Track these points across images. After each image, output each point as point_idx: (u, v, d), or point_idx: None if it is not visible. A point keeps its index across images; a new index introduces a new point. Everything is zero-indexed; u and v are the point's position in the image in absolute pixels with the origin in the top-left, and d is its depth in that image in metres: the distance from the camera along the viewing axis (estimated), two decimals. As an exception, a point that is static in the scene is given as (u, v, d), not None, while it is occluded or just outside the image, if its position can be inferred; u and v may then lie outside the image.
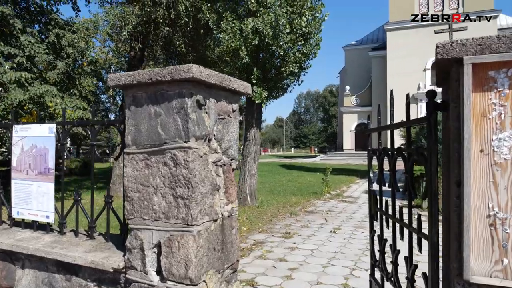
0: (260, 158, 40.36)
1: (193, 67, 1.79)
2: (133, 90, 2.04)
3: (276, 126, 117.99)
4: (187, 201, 1.85)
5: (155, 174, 1.96)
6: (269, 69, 8.91)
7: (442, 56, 1.42)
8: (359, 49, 47.72)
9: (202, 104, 1.94)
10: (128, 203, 2.05)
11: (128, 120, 2.06)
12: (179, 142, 1.87)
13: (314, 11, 8.44)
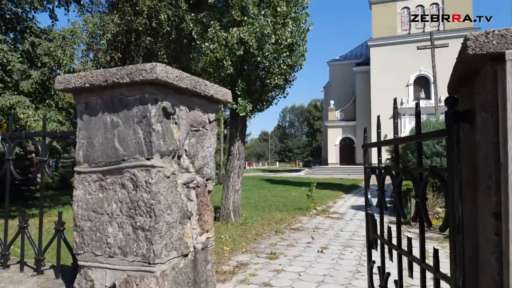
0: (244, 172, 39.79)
1: (158, 66, 1.44)
2: (85, 95, 1.67)
3: (261, 140, 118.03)
4: (148, 234, 1.47)
5: (111, 199, 1.58)
6: (254, 81, 8.62)
7: (474, 51, 1.10)
8: (343, 64, 48.25)
9: (170, 112, 1.59)
10: (78, 234, 1.66)
11: (80, 132, 1.68)
12: (140, 160, 1.51)
13: (299, 21, 8.24)
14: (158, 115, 1.51)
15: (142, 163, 1.50)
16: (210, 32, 7.93)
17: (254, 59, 8.05)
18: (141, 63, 1.52)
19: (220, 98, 1.89)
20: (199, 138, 1.79)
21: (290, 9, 8.12)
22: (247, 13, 7.82)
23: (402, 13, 41.88)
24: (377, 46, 41.82)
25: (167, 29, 9.05)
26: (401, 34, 41.43)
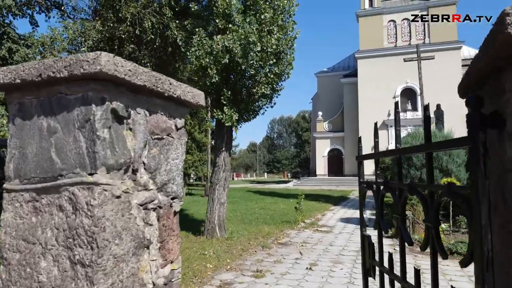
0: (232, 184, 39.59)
1: (103, 56, 1.13)
2: (18, 94, 1.34)
3: (249, 151, 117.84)
4: (89, 270, 1.15)
5: (46, 225, 1.25)
6: (240, 90, 8.35)
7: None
8: (331, 76, 48.54)
9: (123, 116, 1.27)
10: (4, 268, 1.31)
11: (11, 140, 1.35)
12: (80, 175, 1.18)
13: (285, 29, 8.03)
14: (105, 119, 1.19)
15: (83, 179, 1.17)
16: (195, 39, 7.66)
17: (240, 67, 7.79)
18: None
19: (190, 100, 1.58)
20: (162, 148, 1.48)
21: (277, 17, 7.92)
22: (232, 20, 7.58)
23: (389, 26, 42.46)
24: (364, 58, 42.20)
25: (151, 37, 8.76)
26: (388, 47, 41.92)
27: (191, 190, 26.92)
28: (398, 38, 41.89)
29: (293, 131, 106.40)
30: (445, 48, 38.44)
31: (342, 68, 49.15)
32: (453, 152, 10.00)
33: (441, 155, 9.88)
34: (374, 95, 40.94)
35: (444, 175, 9.79)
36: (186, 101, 1.55)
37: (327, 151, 45.20)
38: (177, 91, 1.47)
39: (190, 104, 1.60)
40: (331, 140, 45.01)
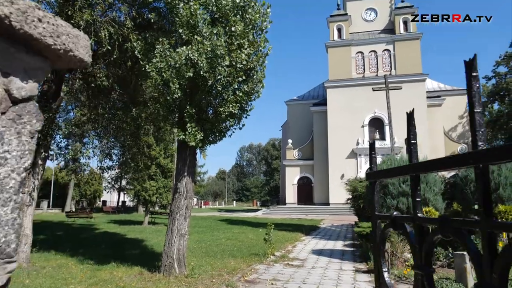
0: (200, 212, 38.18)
1: None
2: None
3: (218, 178, 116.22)
4: None
5: None
6: (206, 108, 7.58)
7: None
8: (301, 104, 48.88)
9: None
10: None
11: None
12: None
13: (257, 45, 7.42)
14: None
15: None
16: (158, 50, 6.88)
17: (206, 82, 7.05)
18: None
19: (48, 41, 0.77)
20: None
21: (248, 31, 7.31)
22: (198, 31, 6.89)
23: (357, 57, 43.57)
24: (333, 88, 42.83)
25: (107, 48, 7.91)
26: (356, 77, 42.84)
27: (155, 218, 25.40)
28: (366, 69, 42.96)
29: (263, 159, 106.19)
30: (410, 80, 39.64)
31: (312, 97, 49.68)
32: (430, 180, 9.55)
33: (418, 183, 9.39)
34: (343, 124, 41.35)
35: (422, 204, 9.26)
36: (36, 39, 0.74)
37: (297, 179, 44.78)
38: (11, 9, 0.67)
39: (48, 50, 0.79)
40: (301, 168, 44.70)
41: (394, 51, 42.39)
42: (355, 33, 44.70)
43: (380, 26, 44.52)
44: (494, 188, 9.04)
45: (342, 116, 41.64)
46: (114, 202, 55.64)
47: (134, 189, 23.68)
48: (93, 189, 48.97)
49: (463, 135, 43.87)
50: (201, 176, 72.45)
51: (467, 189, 9.48)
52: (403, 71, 41.00)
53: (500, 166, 9.21)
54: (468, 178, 9.51)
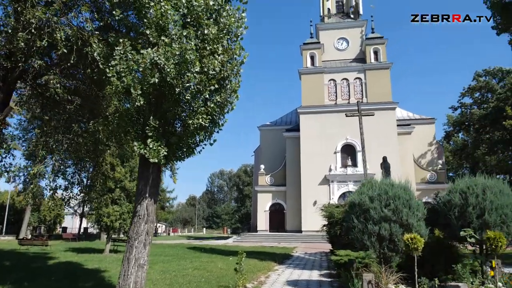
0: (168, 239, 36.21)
1: None
2: None
3: (188, 204, 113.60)
4: None
5: None
6: (172, 119, 6.76)
7: None
8: (274, 129, 48.68)
9: None
10: None
11: None
12: None
13: (231, 52, 6.75)
14: None
15: None
16: (118, 51, 6.07)
17: (173, 90, 6.26)
18: None
19: None
20: None
21: (222, 36, 6.65)
22: (167, 34, 6.15)
23: (329, 84, 44.14)
24: (306, 114, 42.96)
25: (63, 51, 7.02)
26: (329, 104, 43.21)
27: (117, 246, 23.68)
28: (338, 96, 43.51)
29: (234, 185, 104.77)
30: (381, 108, 40.30)
31: (285, 123, 49.65)
32: (413, 205, 9.00)
33: (401, 208, 8.81)
34: (316, 150, 41.25)
35: (405, 230, 8.66)
36: None
37: (269, 205, 43.86)
38: None
39: None
40: (273, 194, 43.91)
41: (365, 80, 43.30)
42: (327, 61, 45.52)
43: (352, 55, 45.59)
44: (480, 213, 8.58)
45: (315, 142, 41.62)
46: (76, 228, 52.54)
47: (95, 214, 22.04)
48: (54, 214, 45.99)
49: (431, 162, 44.73)
50: (170, 202, 70.12)
51: (451, 214, 8.97)
52: (374, 99, 41.77)
53: (484, 190, 8.81)
54: (452, 202, 9.03)
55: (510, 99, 38.84)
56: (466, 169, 60.25)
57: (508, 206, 8.57)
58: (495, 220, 8.38)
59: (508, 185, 9.12)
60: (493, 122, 39.98)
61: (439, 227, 9.44)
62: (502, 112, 37.96)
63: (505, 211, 8.49)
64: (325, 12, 48.79)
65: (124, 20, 6.83)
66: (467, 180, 9.27)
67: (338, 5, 49.93)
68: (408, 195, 9.07)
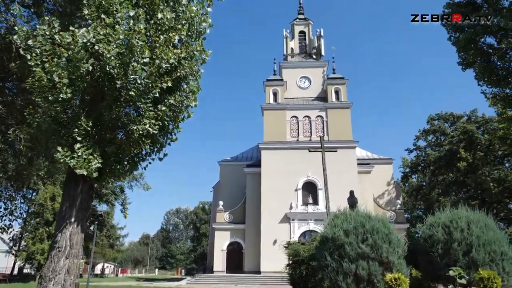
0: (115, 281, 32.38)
1: None
2: None
3: (141, 243, 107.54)
4: None
5: None
6: (111, 123, 5.36)
7: None
8: (235, 165, 47.29)
9: None
10: None
11: None
12: None
13: (191, 49, 5.60)
14: None
15: None
16: (40, 30, 4.71)
17: (113, 83, 4.93)
18: None
19: None
20: None
21: (181, 27, 5.50)
22: (109, 12, 4.91)
23: (291, 121, 43.99)
24: (268, 150, 42.17)
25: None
26: (290, 140, 42.81)
27: None
28: (300, 133, 43.28)
29: (191, 223, 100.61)
30: (342, 146, 40.34)
31: (245, 158, 48.50)
32: (393, 240, 7.92)
33: (380, 243, 7.69)
34: (277, 187, 40.14)
35: (385, 269, 7.49)
36: None
37: (227, 244, 41.53)
38: None
39: None
40: (232, 232, 41.76)
41: (326, 118, 43.59)
42: (290, 98, 45.67)
43: (314, 94, 46.13)
44: (466, 250, 7.63)
45: (276, 179, 40.59)
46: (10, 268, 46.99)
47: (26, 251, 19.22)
48: (-16, 252, 40.88)
49: (389, 202, 44.88)
50: (120, 240, 65.36)
51: (433, 251, 7.96)
52: (335, 137, 41.89)
53: (469, 224, 7.93)
54: (434, 238, 8.05)
55: (462, 142, 40.44)
56: (421, 210, 61.57)
57: (495, 242, 7.69)
58: (484, 257, 7.44)
59: (492, 219, 8.34)
60: (447, 164, 41.18)
61: (423, 264, 8.38)
62: (456, 154, 39.26)
63: (493, 247, 7.60)
64: (288, 51, 49.69)
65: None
66: (449, 214, 8.40)
67: (301, 46, 51.18)
68: (387, 229, 8.00)
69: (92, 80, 4.98)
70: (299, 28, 52.66)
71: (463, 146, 40.61)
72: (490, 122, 40.87)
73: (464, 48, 13.64)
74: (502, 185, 37.34)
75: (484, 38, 12.83)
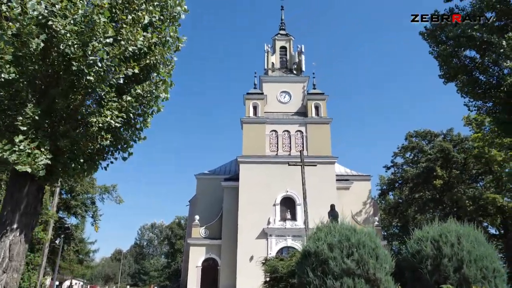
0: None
1: None
2: None
3: (113, 259, 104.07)
4: None
5: None
6: (66, 112, 4.61)
7: None
8: (212, 178, 46.34)
9: None
10: None
11: None
12: None
13: (164, 34, 4.96)
14: None
15: None
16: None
17: (69, 66, 4.22)
18: None
19: None
20: None
21: (153, 9, 4.87)
22: (68, -17, 4.24)
23: (271, 135, 43.61)
24: (246, 163, 41.49)
25: None
26: (269, 155, 42.32)
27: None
28: (279, 147, 42.89)
29: (166, 238, 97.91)
30: (321, 162, 40.10)
31: (223, 172, 47.64)
32: (380, 255, 7.34)
33: (367, 258, 7.10)
34: (255, 201, 39.36)
35: (372, 287, 6.89)
36: None
37: (202, 260, 40.18)
38: None
39: None
40: (207, 248, 40.51)
41: (306, 133, 43.47)
42: (270, 112, 45.41)
43: (294, 109, 46.05)
44: (457, 266, 7.13)
45: (254, 193, 39.83)
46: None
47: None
48: None
49: (367, 219, 44.74)
50: (90, 255, 62.54)
51: (422, 267, 7.43)
52: (314, 153, 41.68)
53: (459, 238, 7.46)
54: (423, 253, 7.53)
55: (439, 160, 40.94)
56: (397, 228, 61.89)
57: (487, 257, 7.24)
58: (475, 274, 6.95)
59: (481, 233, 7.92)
60: (424, 181, 41.53)
61: (410, 282, 7.82)
62: (433, 171, 39.65)
63: (485, 263, 7.13)
64: (269, 66, 49.71)
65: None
66: (438, 227, 7.93)
67: (282, 61, 51.39)
68: (374, 243, 7.43)
69: (45, 62, 4.25)
70: (281, 43, 52.97)
71: (440, 164, 41.11)
72: (465, 141, 41.68)
73: (446, 61, 13.55)
74: (477, 203, 37.81)
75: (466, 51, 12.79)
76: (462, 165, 41.16)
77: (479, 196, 38.08)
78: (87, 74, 4.25)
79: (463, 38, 11.63)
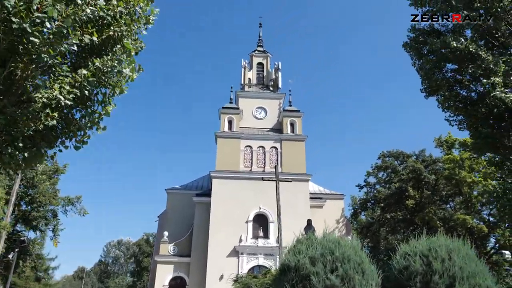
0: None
1: None
2: None
3: (75, 277, 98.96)
4: None
5: None
6: (4, 84, 3.76)
7: None
8: (183, 193, 44.91)
9: None
10: None
11: None
12: None
13: (132, 3, 4.23)
14: None
15: None
16: None
17: (7, 25, 3.40)
18: None
19: None
20: None
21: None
22: None
23: (245, 150, 42.97)
24: (220, 178, 40.49)
25: None
26: (243, 170, 41.55)
27: None
28: (253, 163, 42.23)
29: (133, 256, 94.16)
30: (295, 179, 39.66)
31: (195, 187, 46.35)
32: (367, 270, 6.67)
33: (352, 274, 6.40)
34: (227, 217, 38.25)
35: (358, 307, 6.17)
36: None
37: (169, 279, 38.37)
38: None
39: None
40: (175, 265, 38.80)
41: (281, 149, 43.14)
42: (245, 128, 44.87)
43: (269, 125, 45.76)
44: (449, 283, 6.55)
45: (226, 209, 38.75)
46: None
47: None
48: None
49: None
50: (50, 272, 58.80)
51: (411, 284, 6.80)
52: (288, 169, 41.26)
53: (449, 253, 6.92)
54: (411, 269, 6.92)
55: (411, 181, 41.38)
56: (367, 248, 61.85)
57: (479, 274, 6.71)
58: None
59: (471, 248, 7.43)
60: (397, 202, 41.77)
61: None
62: (405, 192, 39.97)
63: (477, 280, 6.59)
64: (246, 81, 49.49)
65: None
66: (426, 241, 7.37)
67: (259, 77, 51.38)
68: (359, 257, 6.76)
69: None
70: (258, 59, 53.04)
71: (412, 184, 41.54)
72: (437, 162, 42.43)
73: (428, 75, 13.43)
74: (448, 224, 38.21)
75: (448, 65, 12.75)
76: (433, 186, 41.75)
77: (449, 217, 38.55)
78: (30, 34, 3.46)
79: (447, 50, 11.56)
